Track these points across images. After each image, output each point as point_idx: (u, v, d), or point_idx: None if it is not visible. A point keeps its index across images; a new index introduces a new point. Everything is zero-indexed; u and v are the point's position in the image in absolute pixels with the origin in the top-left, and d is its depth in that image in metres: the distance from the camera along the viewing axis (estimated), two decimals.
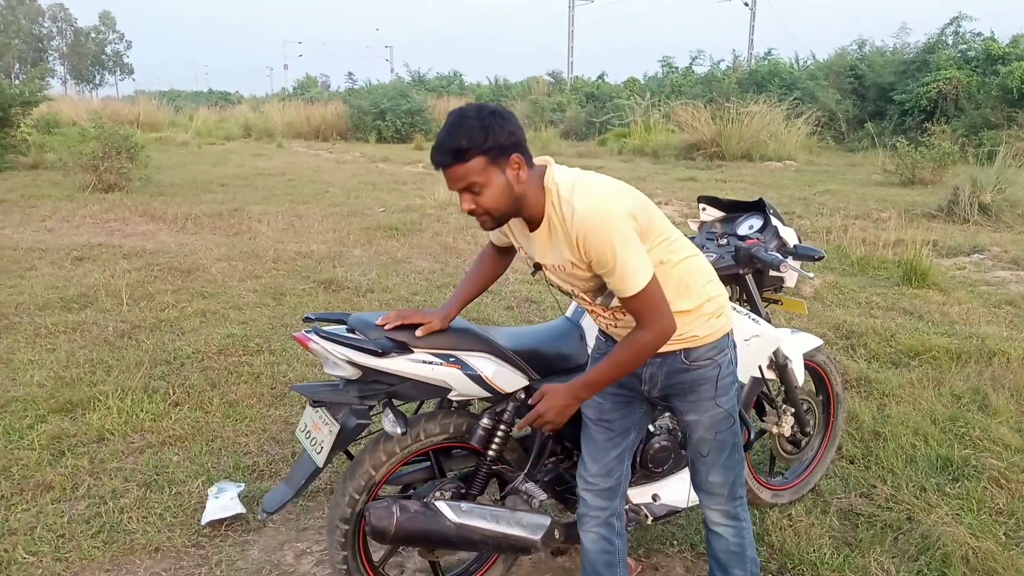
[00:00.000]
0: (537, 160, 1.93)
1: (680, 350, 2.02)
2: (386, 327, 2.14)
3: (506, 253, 2.34)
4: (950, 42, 20.84)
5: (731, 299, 2.72)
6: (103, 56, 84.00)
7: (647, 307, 1.86)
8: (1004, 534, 2.81)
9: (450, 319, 2.23)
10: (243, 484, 3.09)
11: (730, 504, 2.18)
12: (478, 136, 1.77)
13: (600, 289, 1.95)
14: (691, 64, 26.45)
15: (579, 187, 1.84)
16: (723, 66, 25.99)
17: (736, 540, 2.20)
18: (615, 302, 1.93)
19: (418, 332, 2.16)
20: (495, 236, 2.24)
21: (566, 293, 2.07)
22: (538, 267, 2.01)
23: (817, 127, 18.84)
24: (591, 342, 2.37)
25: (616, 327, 2.07)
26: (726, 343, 2.07)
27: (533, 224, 1.93)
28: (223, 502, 2.93)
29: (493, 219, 1.88)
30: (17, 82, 17.62)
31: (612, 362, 1.94)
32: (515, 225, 2.03)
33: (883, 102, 20.80)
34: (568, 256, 1.88)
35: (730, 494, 2.17)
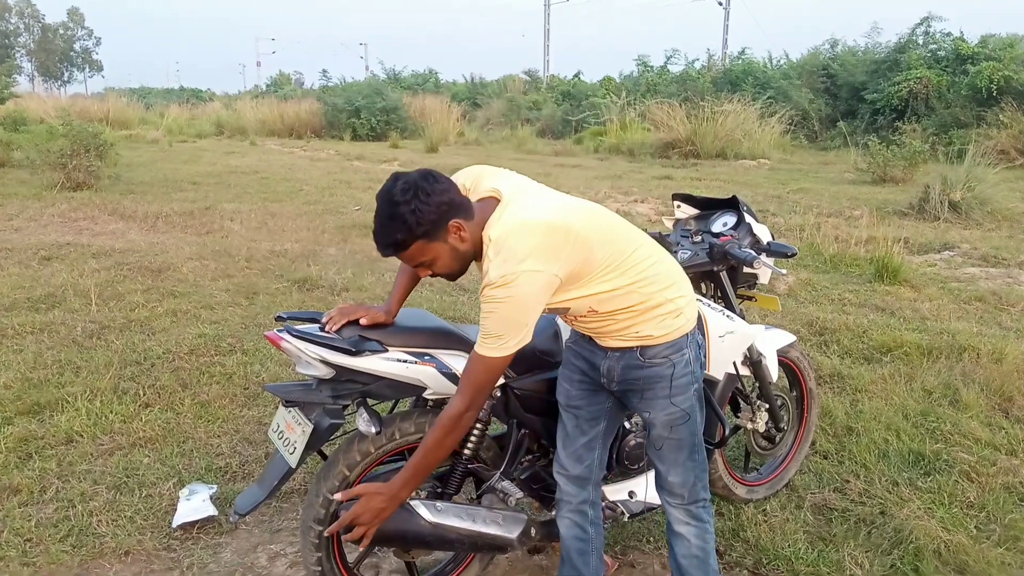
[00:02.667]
0: (487, 190, 1.94)
1: (636, 347, 2.06)
2: (331, 328, 2.11)
3: None
4: (920, 42, 21.11)
5: (705, 296, 2.73)
6: (71, 53, 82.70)
7: (471, 375, 1.91)
8: (975, 527, 2.85)
9: (393, 314, 2.22)
10: (215, 486, 3.04)
11: (692, 505, 2.18)
12: (410, 224, 1.81)
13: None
14: (666, 63, 26.57)
15: (505, 249, 1.83)
16: (698, 65, 26.18)
17: (699, 543, 2.19)
18: (563, 312, 2.03)
19: (362, 321, 2.13)
20: None
21: None
22: None
23: (790, 126, 19.03)
24: (566, 338, 2.37)
25: (575, 323, 2.13)
26: (684, 343, 2.07)
27: (479, 256, 1.96)
28: (195, 504, 2.89)
29: (451, 277, 1.99)
30: None
31: (422, 450, 1.97)
32: None
33: (855, 101, 21.04)
34: None
35: (691, 496, 2.17)
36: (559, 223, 1.87)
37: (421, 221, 1.81)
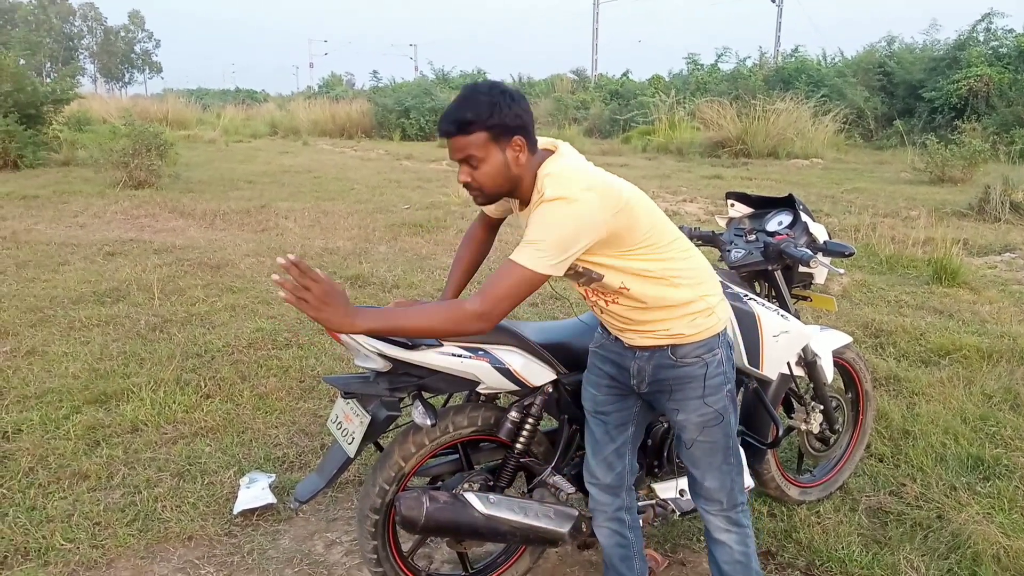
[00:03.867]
0: (545, 143, 1.96)
1: (667, 346, 2.02)
2: None
3: (491, 229, 2.36)
4: (981, 39, 20.48)
5: (760, 295, 2.71)
6: (132, 55, 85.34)
7: (498, 283, 1.77)
8: None
9: None
10: (274, 475, 3.13)
11: (731, 511, 2.13)
12: (484, 112, 1.81)
13: (577, 274, 1.96)
14: (717, 61, 26.24)
15: (564, 178, 1.82)
16: (749, 63, 25.78)
17: (740, 549, 2.14)
18: (596, 282, 1.95)
19: None
20: (492, 207, 2.22)
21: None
22: None
23: (845, 125, 18.63)
24: (592, 342, 2.31)
25: (604, 313, 2.08)
26: (716, 343, 2.04)
27: (524, 204, 1.96)
28: (254, 492, 2.98)
29: (484, 195, 1.92)
30: (48, 80, 17.93)
31: (412, 312, 1.80)
32: (513, 203, 2.07)
33: (912, 100, 20.50)
34: None
35: (729, 501, 2.12)
36: (613, 184, 1.89)
37: (495, 115, 1.82)
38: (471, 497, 2.23)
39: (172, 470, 3.23)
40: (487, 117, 1.81)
